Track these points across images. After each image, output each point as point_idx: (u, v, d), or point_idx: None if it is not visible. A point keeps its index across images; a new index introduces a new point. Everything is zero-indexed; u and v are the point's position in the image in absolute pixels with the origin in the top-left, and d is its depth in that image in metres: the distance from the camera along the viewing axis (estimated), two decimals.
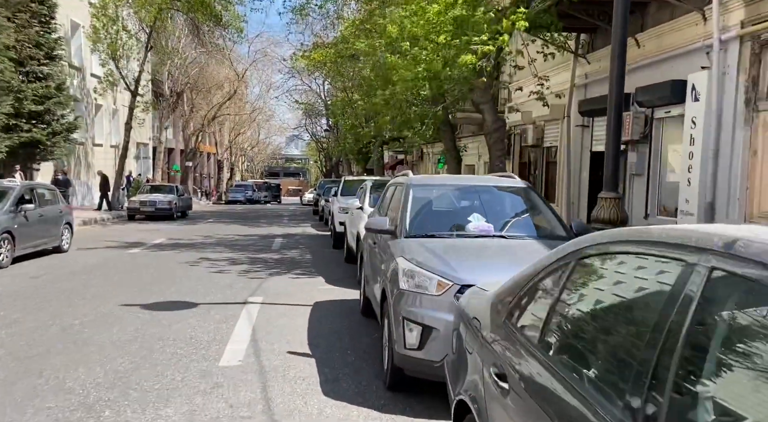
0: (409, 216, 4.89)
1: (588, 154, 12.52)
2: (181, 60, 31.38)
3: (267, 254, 12.25)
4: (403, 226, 4.79)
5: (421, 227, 4.82)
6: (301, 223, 22.44)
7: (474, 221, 4.76)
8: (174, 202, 22.43)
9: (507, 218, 4.95)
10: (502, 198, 5.25)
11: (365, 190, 9.87)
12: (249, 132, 65.48)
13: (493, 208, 5.06)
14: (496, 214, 4.97)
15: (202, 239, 15.08)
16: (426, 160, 28.69)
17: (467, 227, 4.76)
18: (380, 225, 4.88)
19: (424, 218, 4.94)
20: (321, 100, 43.92)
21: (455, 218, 4.98)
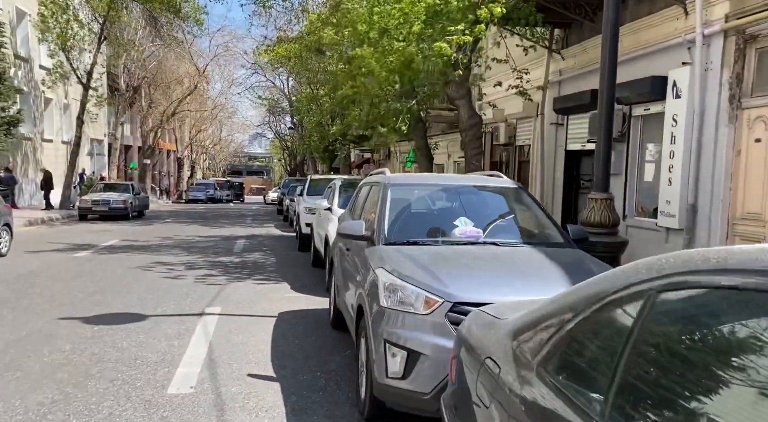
0: (387, 220, 4.30)
1: (562, 153, 12.19)
2: (138, 53, 29.99)
3: (228, 257, 11.48)
4: (381, 231, 4.20)
5: (402, 232, 4.24)
6: (265, 223, 21.61)
7: (461, 225, 4.21)
8: (129, 201, 21.29)
9: (497, 223, 4.42)
10: (490, 200, 4.72)
11: (334, 189, 9.24)
12: (211, 129, 63.85)
13: (481, 211, 4.52)
14: (484, 218, 4.43)
15: (158, 240, 14.17)
16: (394, 159, 28.17)
17: (453, 232, 4.21)
18: (355, 230, 4.28)
19: (405, 223, 4.36)
20: (285, 97, 42.92)
21: (439, 222, 4.41)
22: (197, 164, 65.48)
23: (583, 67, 11.34)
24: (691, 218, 8.35)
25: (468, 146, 9.21)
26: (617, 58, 5.99)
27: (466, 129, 9.23)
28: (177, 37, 28.25)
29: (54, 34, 21.82)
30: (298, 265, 10.52)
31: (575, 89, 11.56)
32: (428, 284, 3.34)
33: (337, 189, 9.04)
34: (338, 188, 9.03)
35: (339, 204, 8.60)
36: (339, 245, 5.66)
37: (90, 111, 24.45)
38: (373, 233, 4.24)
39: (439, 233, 4.26)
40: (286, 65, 29.14)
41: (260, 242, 14.59)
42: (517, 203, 4.64)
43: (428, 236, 4.26)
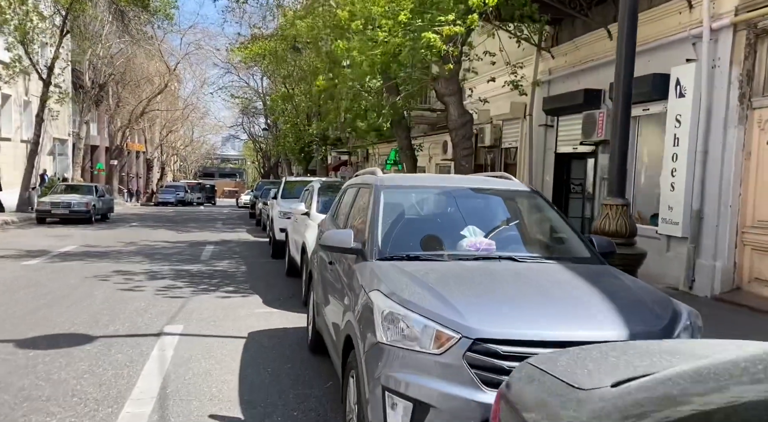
0: (381, 230, 3.56)
1: (552, 155, 11.62)
2: (105, 49, 28.70)
3: (194, 265, 10.58)
4: (374, 243, 3.45)
5: (399, 244, 3.50)
6: (237, 228, 20.64)
7: (469, 236, 3.50)
8: (92, 203, 20.08)
9: (511, 233, 3.72)
10: (500, 206, 4.01)
11: (312, 192, 8.45)
12: (182, 130, 62.26)
13: (490, 219, 3.81)
14: (495, 227, 3.72)
15: (120, 246, 13.16)
16: (372, 161, 27.44)
17: (461, 244, 3.49)
18: (342, 242, 3.52)
19: (402, 233, 3.62)
20: (259, 97, 41.86)
21: (443, 232, 3.68)
22: (167, 165, 63.73)
23: (574, 65, 10.79)
24: (696, 226, 7.81)
25: (457, 146, 8.53)
26: (635, 49, 5.36)
27: (455, 128, 8.55)
28: (146, 32, 27.04)
29: (12, 25, 20.52)
30: (271, 274, 9.69)
31: (566, 89, 11.00)
32: (439, 314, 2.61)
33: (316, 192, 8.25)
34: (317, 191, 8.25)
35: (318, 208, 7.82)
36: (320, 255, 4.91)
37: (51, 108, 23.14)
38: (364, 246, 3.50)
39: (444, 246, 3.53)
40: (261, 64, 28.22)
41: (230, 248, 13.68)
42: (533, 209, 3.94)
43: (430, 248, 3.53)
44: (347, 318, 3.26)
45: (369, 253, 3.41)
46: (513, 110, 12.52)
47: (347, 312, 3.31)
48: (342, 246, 3.54)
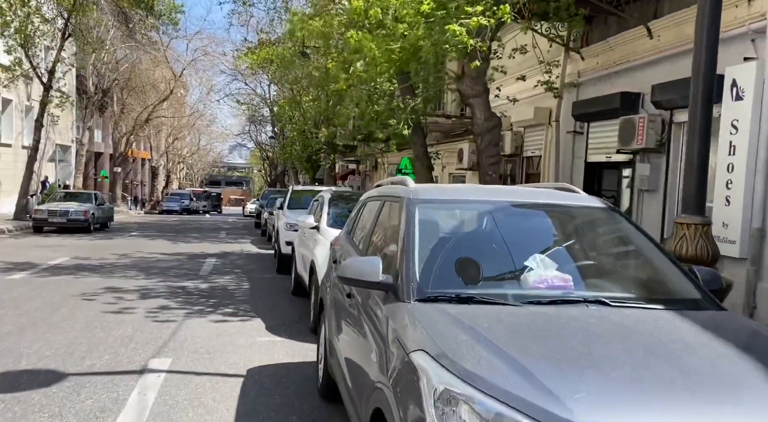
0: (419, 258, 2.68)
1: (582, 165, 10.72)
2: (109, 54, 28.09)
3: (192, 281, 9.72)
4: (411, 277, 2.57)
5: (444, 279, 2.62)
6: (241, 238, 19.79)
7: (536, 268, 2.61)
8: (91, 212, 19.32)
9: (589, 264, 2.83)
10: (568, 227, 3.14)
11: (322, 203, 7.58)
12: (188, 138, 61.76)
13: (558, 244, 2.93)
14: (566, 255, 2.84)
15: (115, 259, 12.33)
16: (381, 170, 26.63)
17: (526, 279, 2.61)
18: (368, 273, 2.64)
19: (447, 263, 2.72)
20: (266, 105, 41.20)
21: (499, 262, 2.79)
22: (174, 173, 63.18)
23: (608, 67, 9.92)
24: (757, 246, 6.87)
25: (483, 154, 7.66)
26: (718, 37, 4.48)
27: (481, 133, 7.68)
28: (151, 37, 26.42)
29: (12, 28, 19.89)
30: (275, 293, 8.82)
31: (598, 92, 10.12)
32: (523, 398, 1.72)
33: (326, 203, 7.38)
34: (327, 203, 7.37)
35: (328, 222, 6.95)
36: (334, 280, 4.04)
37: (52, 114, 22.48)
38: (397, 279, 2.62)
39: (504, 281, 2.64)
40: (268, 69, 27.56)
41: (233, 261, 12.83)
42: (612, 231, 3.06)
43: (484, 285, 2.64)
44: (376, 381, 2.38)
45: (404, 291, 2.53)
46: (537, 116, 11.65)
47: (375, 371, 2.44)
48: (368, 280, 2.66)
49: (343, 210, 7.19)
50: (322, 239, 6.49)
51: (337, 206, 7.30)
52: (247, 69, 30.40)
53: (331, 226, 6.83)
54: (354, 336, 3.08)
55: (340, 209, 7.25)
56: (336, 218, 7.04)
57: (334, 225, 6.84)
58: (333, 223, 6.91)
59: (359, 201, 4.50)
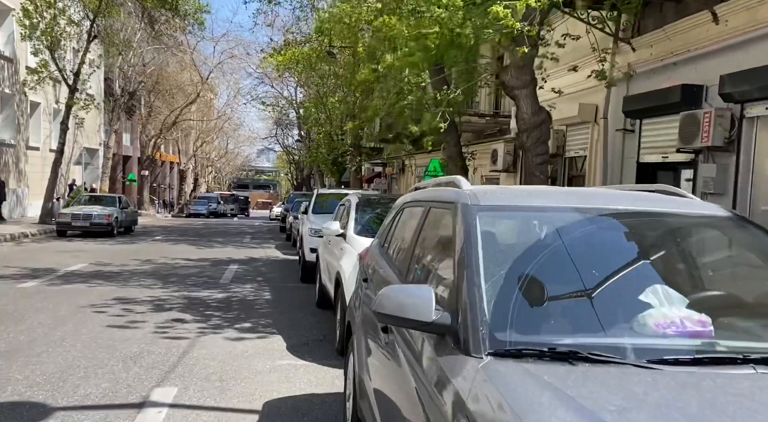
0: (487, 289, 1.91)
1: (633, 165, 9.77)
2: (136, 56, 27.98)
3: (211, 290, 9.09)
4: (479, 317, 1.80)
5: (528, 322, 1.84)
6: (265, 243, 19.23)
7: (659, 304, 1.82)
8: (114, 216, 18.99)
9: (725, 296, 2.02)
10: (687, 243, 2.33)
11: (348, 208, 6.85)
12: (216, 141, 62.02)
13: (679, 268, 2.13)
14: (688, 282, 2.04)
15: (134, 265, 11.81)
16: (408, 173, 25.87)
17: (643, 320, 1.81)
18: (415, 310, 1.88)
19: (529, 296, 1.95)
20: (292, 107, 40.84)
21: (602, 294, 2.00)
22: (202, 177, 63.49)
23: (664, 58, 8.98)
24: None
25: (529, 152, 6.83)
26: None
27: (527, 129, 6.85)
28: (176, 37, 26.18)
29: (38, 30, 19.75)
30: (298, 304, 8.12)
31: (653, 86, 9.18)
32: None
33: (353, 208, 6.64)
34: (354, 207, 6.64)
35: (356, 229, 6.22)
36: (363, 299, 3.30)
37: (77, 116, 22.32)
38: (458, 319, 1.85)
39: (614, 324, 1.85)
40: (294, 71, 27.08)
41: (256, 268, 12.20)
42: (746, 248, 2.25)
43: (585, 328, 1.86)
44: None
45: (471, 338, 1.76)
46: (582, 113, 10.75)
47: None
48: (415, 319, 1.90)
49: (372, 216, 6.47)
50: (349, 248, 5.76)
51: (366, 212, 6.57)
52: (273, 71, 29.99)
53: (359, 234, 6.11)
54: (393, 385, 2.33)
55: (368, 215, 6.52)
56: (365, 224, 6.32)
57: (362, 233, 6.11)
58: (361, 230, 6.18)
59: (394, 207, 3.76)
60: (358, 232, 6.10)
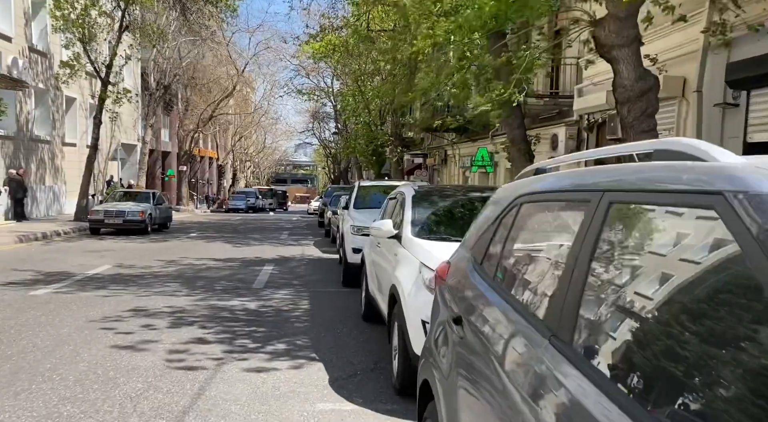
0: None
1: (739, 146, 8.14)
2: (170, 48, 27.32)
3: (241, 298, 7.95)
4: None
5: None
6: (303, 239, 18.14)
7: None
8: (148, 212, 18.23)
9: None
10: None
11: (402, 202, 5.49)
12: (254, 136, 61.77)
13: None
14: None
15: (160, 266, 10.83)
16: (451, 164, 24.42)
17: None
18: None
19: None
20: (329, 99, 39.81)
21: None
22: (241, 171, 63.37)
23: None
24: None
25: (632, 129, 5.33)
26: None
27: (629, 99, 5.38)
28: (210, 26, 25.32)
29: (69, 22, 19.12)
30: (342, 317, 6.88)
31: (761, 50, 7.56)
32: None
33: (409, 203, 5.30)
34: (411, 202, 5.30)
35: (414, 231, 4.87)
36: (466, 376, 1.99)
37: (111, 110, 21.71)
38: None
39: None
40: (331, 59, 25.93)
41: (292, 269, 11.04)
42: None
43: None
44: None
45: None
46: (667, 87, 9.10)
47: None
48: None
49: (435, 213, 5.15)
50: (408, 255, 4.46)
51: (425, 208, 5.23)
52: (309, 60, 28.94)
53: (418, 235, 4.78)
54: None
55: (429, 212, 5.19)
56: (425, 224, 4.99)
57: (422, 234, 4.79)
58: (421, 231, 4.85)
59: (495, 202, 2.42)
60: (417, 233, 4.78)
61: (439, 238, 4.65)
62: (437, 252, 4.06)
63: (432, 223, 5.00)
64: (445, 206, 5.24)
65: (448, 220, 5.09)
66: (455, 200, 5.32)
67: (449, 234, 4.74)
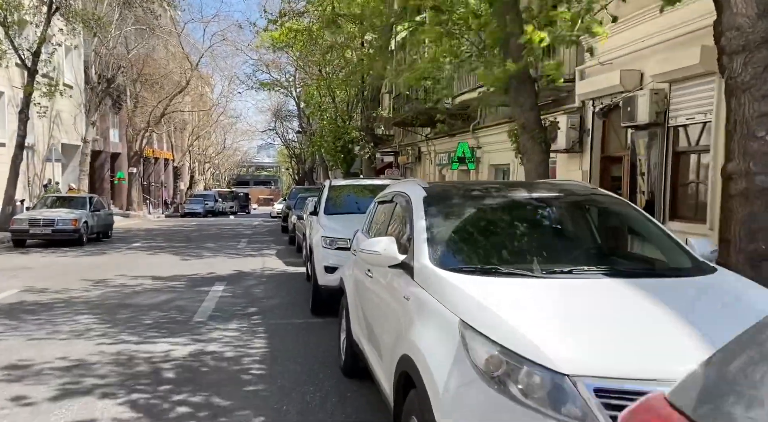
0: None
1: None
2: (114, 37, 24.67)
3: (174, 339, 5.85)
4: None
5: None
6: (265, 248, 15.96)
7: None
8: (83, 220, 15.80)
9: None
10: None
11: (407, 208, 3.48)
12: (213, 136, 58.92)
13: None
14: None
15: (81, 290, 8.61)
16: (425, 162, 22.61)
17: None
18: None
19: None
20: (291, 96, 37.53)
21: None
22: (200, 173, 60.34)
23: None
24: None
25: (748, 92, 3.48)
26: None
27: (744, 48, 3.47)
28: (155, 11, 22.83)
29: None
30: (312, 372, 4.87)
31: None
32: None
33: (420, 210, 3.29)
34: (423, 209, 3.28)
35: (435, 257, 2.90)
36: None
37: (38, 104, 19.10)
38: None
39: None
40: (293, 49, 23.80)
41: (247, 290, 8.95)
42: None
43: None
44: None
45: None
46: (704, 60, 7.43)
47: None
48: None
49: (467, 228, 3.21)
50: (431, 303, 2.53)
51: (449, 218, 3.27)
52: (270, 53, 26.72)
53: (443, 265, 2.82)
54: None
55: (458, 225, 3.25)
56: (453, 247, 3.04)
57: (450, 263, 2.84)
58: (448, 258, 2.90)
59: None
60: (440, 262, 2.83)
61: (481, 270, 2.74)
62: (491, 299, 2.19)
63: (462, 244, 3.08)
64: (478, 216, 3.30)
65: (487, 238, 3.17)
66: (492, 204, 3.38)
67: (496, 262, 2.84)
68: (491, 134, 15.63)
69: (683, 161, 8.65)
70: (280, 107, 49.07)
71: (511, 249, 3.02)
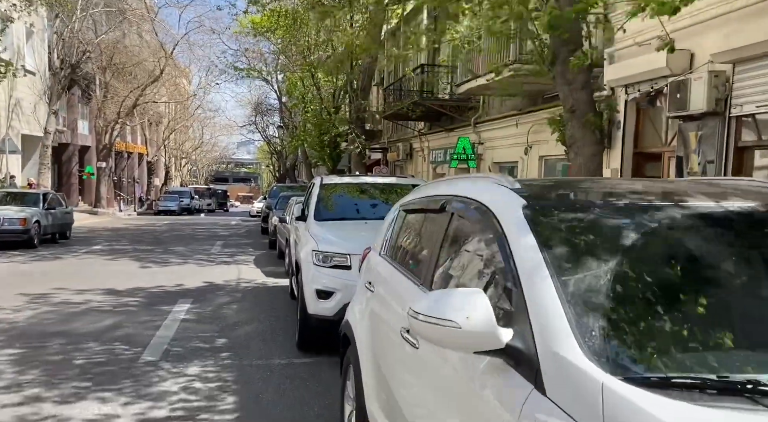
0: None
1: None
2: (80, 19, 22.64)
3: (108, 393, 4.20)
4: None
5: None
6: (241, 253, 14.19)
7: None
8: (34, 219, 13.93)
9: None
10: None
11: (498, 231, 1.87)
12: (190, 131, 56.66)
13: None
14: None
15: (9, 311, 6.87)
16: (418, 159, 21.08)
17: None
18: None
19: None
20: (273, 89, 35.69)
21: None
22: (176, 169, 58.00)
23: None
24: None
25: None
26: None
27: None
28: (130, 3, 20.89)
29: None
30: None
31: None
32: None
33: (530, 235, 1.73)
34: (531, 234, 1.73)
35: (592, 342, 1.32)
36: None
37: None
38: None
39: None
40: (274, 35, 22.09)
41: (217, 311, 7.28)
42: None
43: None
44: None
45: None
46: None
47: None
48: None
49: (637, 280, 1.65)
50: None
51: (590, 260, 1.68)
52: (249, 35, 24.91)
53: (614, 369, 1.26)
54: None
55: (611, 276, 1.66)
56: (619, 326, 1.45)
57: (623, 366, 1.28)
58: (621, 356, 1.33)
59: None
60: (612, 361, 1.24)
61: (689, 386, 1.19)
62: None
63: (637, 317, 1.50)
64: (649, 253, 1.66)
65: (675, 304, 1.57)
66: (665, 225, 1.79)
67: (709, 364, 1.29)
68: (495, 127, 14.17)
69: (747, 156, 7.22)
70: (261, 100, 47.21)
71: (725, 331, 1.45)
